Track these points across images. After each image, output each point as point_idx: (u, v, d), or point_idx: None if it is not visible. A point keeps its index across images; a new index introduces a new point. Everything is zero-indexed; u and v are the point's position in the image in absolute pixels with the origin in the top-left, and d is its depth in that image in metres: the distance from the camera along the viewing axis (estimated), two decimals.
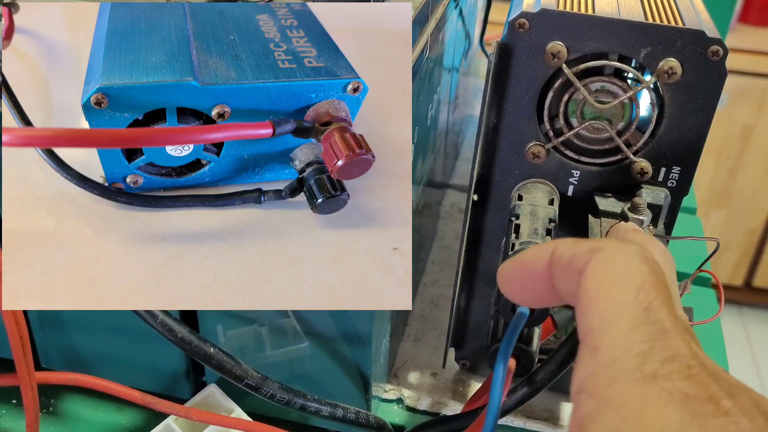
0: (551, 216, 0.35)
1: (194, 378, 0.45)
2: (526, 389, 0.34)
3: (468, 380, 0.48)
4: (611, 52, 0.34)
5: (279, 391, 0.36)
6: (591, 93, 0.35)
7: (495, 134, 0.37)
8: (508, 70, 0.35)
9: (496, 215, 0.40)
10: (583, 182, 0.38)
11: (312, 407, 0.37)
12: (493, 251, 0.41)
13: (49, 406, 0.46)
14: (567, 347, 0.33)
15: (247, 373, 0.35)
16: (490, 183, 0.39)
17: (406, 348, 0.50)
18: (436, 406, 0.46)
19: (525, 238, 0.33)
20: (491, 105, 0.36)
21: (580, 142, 0.37)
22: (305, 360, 0.42)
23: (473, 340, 0.46)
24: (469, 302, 0.44)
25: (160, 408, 0.39)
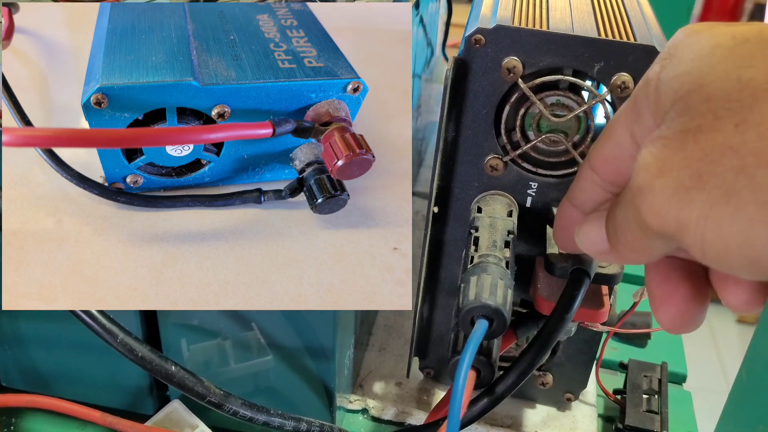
0: (510, 228, 0.36)
1: (158, 393, 0.44)
2: (486, 400, 0.35)
3: (432, 389, 0.48)
4: (566, 67, 0.35)
5: (242, 408, 0.36)
6: (547, 107, 0.35)
7: (454, 147, 0.38)
8: (465, 84, 0.36)
9: (456, 227, 0.40)
10: (541, 193, 0.38)
11: (275, 422, 0.37)
12: (455, 262, 0.42)
13: (9, 425, 0.45)
14: (527, 359, 0.34)
15: (209, 390, 0.35)
16: (450, 195, 0.39)
17: (371, 358, 0.50)
18: (401, 416, 0.46)
19: (484, 251, 0.34)
20: (449, 119, 0.37)
21: (537, 155, 0.37)
22: (270, 373, 0.42)
23: (437, 350, 0.46)
24: (432, 312, 0.44)
25: (122, 428, 0.39)
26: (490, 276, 0.32)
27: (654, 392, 0.45)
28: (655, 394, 0.45)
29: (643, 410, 0.44)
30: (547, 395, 0.46)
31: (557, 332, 0.33)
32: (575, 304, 0.33)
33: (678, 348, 0.55)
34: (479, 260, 0.33)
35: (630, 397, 0.45)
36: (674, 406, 0.47)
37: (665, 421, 0.43)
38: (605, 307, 0.36)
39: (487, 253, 0.34)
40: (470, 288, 0.31)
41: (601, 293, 0.36)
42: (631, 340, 0.55)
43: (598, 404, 0.48)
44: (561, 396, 0.46)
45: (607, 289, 0.37)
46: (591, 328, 0.40)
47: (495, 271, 0.32)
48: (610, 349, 0.54)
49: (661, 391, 0.45)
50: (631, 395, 0.45)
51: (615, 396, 0.47)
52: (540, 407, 0.47)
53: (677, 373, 0.52)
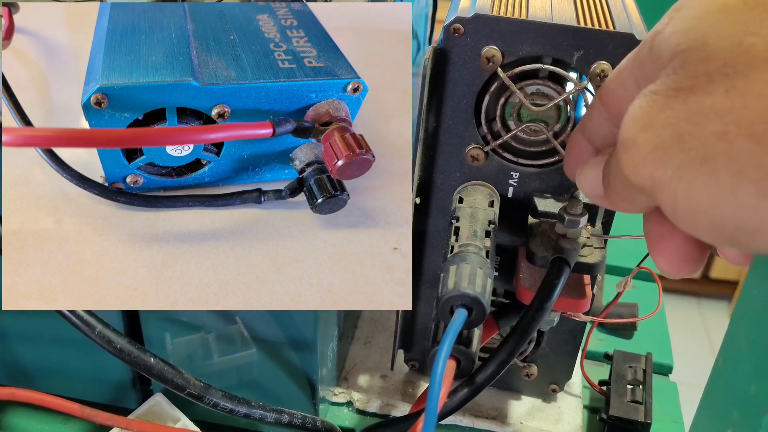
0: (491, 218, 0.36)
1: (141, 387, 0.44)
2: (466, 390, 0.35)
3: (417, 381, 0.48)
4: (545, 56, 0.35)
5: (222, 400, 0.36)
6: (527, 96, 0.35)
7: (434, 138, 0.38)
8: (444, 74, 0.36)
9: (438, 218, 0.40)
10: (522, 183, 0.38)
11: (256, 414, 0.37)
12: (437, 253, 0.42)
13: None
14: (507, 348, 0.34)
15: (188, 382, 0.35)
16: (432, 186, 0.39)
17: (357, 351, 0.50)
18: (385, 408, 0.46)
19: (464, 240, 0.34)
20: (429, 109, 0.37)
21: (518, 145, 0.37)
22: (253, 366, 0.42)
23: (421, 342, 0.46)
24: (416, 304, 0.44)
25: (100, 420, 0.38)
26: (469, 265, 0.31)
27: (638, 383, 0.45)
28: (639, 384, 0.45)
29: (628, 400, 0.44)
30: (532, 387, 0.46)
31: (537, 321, 0.33)
32: (555, 293, 0.33)
33: (664, 339, 0.55)
34: (459, 250, 0.33)
35: (614, 387, 0.45)
36: (660, 396, 0.47)
37: (649, 411, 0.43)
38: (587, 296, 0.36)
39: (467, 242, 0.33)
40: (449, 277, 0.31)
41: (583, 283, 0.36)
42: (617, 332, 0.55)
43: (584, 395, 0.48)
44: (546, 387, 0.46)
45: (589, 278, 0.37)
46: (574, 318, 0.40)
47: (474, 260, 0.32)
48: (596, 340, 0.54)
49: (645, 382, 0.45)
50: (616, 386, 0.45)
51: (600, 387, 0.47)
52: (525, 399, 0.47)
53: (663, 364, 0.53)
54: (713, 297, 1.79)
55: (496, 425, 0.45)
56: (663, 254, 0.25)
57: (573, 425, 0.45)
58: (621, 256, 0.59)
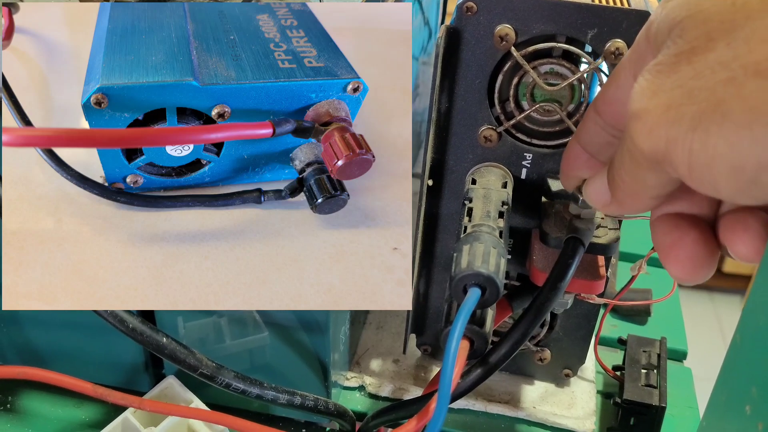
0: (504, 199, 0.35)
1: (153, 371, 0.45)
2: (480, 370, 0.34)
3: (429, 366, 0.48)
4: (559, 34, 0.34)
5: (234, 380, 0.36)
6: (540, 75, 0.35)
7: (447, 119, 0.37)
8: (457, 54, 0.36)
9: (451, 200, 0.40)
10: (535, 165, 0.38)
11: (269, 395, 0.37)
12: (450, 236, 0.41)
13: (6, 403, 0.45)
14: (521, 328, 0.33)
15: (201, 363, 0.35)
16: (444, 168, 0.39)
17: (369, 335, 0.50)
18: (397, 392, 0.46)
19: (477, 221, 0.34)
20: (442, 90, 0.37)
21: (531, 125, 0.37)
22: (265, 350, 0.42)
23: (433, 326, 0.46)
24: (428, 288, 0.44)
25: (113, 400, 0.38)
26: (482, 245, 0.31)
27: (653, 367, 0.45)
28: (653, 368, 0.45)
29: (642, 384, 0.44)
30: (545, 371, 0.46)
31: (551, 301, 0.33)
32: (569, 272, 0.33)
33: (678, 325, 0.55)
34: (472, 230, 0.33)
35: (628, 371, 0.45)
36: (674, 382, 0.47)
37: (664, 395, 0.43)
38: (601, 278, 0.36)
39: (480, 223, 0.33)
40: (462, 256, 0.31)
41: (597, 264, 0.36)
42: (630, 318, 0.55)
43: (597, 381, 0.48)
44: (559, 372, 0.46)
45: (603, 260, 0.36)
46: (587, 300, 0.40)
47: (488, 240, 0.32)
48: (610, 326, 0.54)
49: (659, 366, 0.45)
50: (630, 370, 0.45)
51: (614, 372, 0.46)
52: (538, 383, 0.47)
53: (677, 350, 0.52)
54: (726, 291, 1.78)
55: (509, 409, 0.45)
56: (675, 262, 0.25)
57: (586, 410, 0.45)
58: (633, 242, 0.59)
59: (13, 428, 0.44)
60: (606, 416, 0.46)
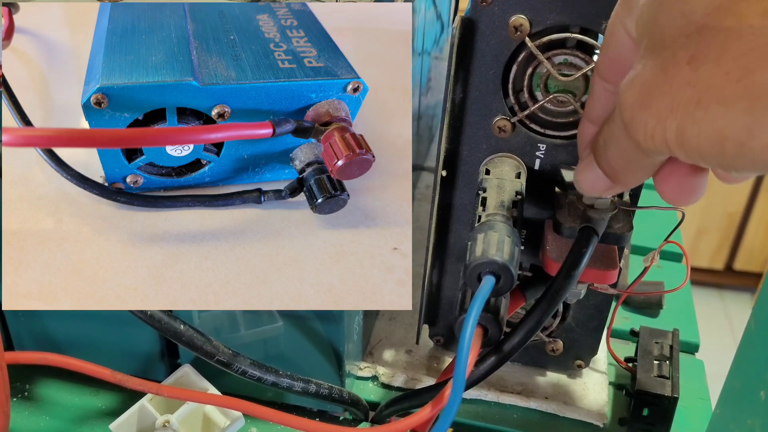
0: (518, 189, 0.36)
1: (169, 360, 0.45)
2: (493, 358, 0.34)
3: (442, 356, 0.48)
4: (573, 25, 0.34)
5: (250, 368, 0.36)
6: (554, 66, 0.35)
7: (461, 109, 0.38)
8: (472, 44, 0.36)
9: (464, 190, 0.40)
10: (549, 155, 0.38)
11: (284, 383, 0.37)
12: (463, 227, 0.42)
13: (23, 390, 0.46)
14: (535, 317, 0.34)
15: (218, 350, 0.35)
16: (458, 158, 0.39)
17: (382, 326, 0.50)
18: (410, 383, 0.46)
19: (491, 210, 0.34)
20: (456, 80, 0.37)
21: (545, 116, 0.37)
22: (280, 339, 0.42)
23: (446, 317, 0.46)
24: (441, 279, 0.44)
25: (132, 385, 0.38)
26: (497, 233, 0.32)
27: (665, 358, 0.45)
28: (666, 359, 0.45)
29: (654, 375, 0.43)
30: (558, 362, 0.46)
31: (565, 289, 0.33)
32: (583, 261, 0.33)
33: (691, 317, 0.55)
34: (487, 219, 0.33)
35: (641, 362, 0.44)
36: (686, 374, 0.47)
37: (676, 386, 0.43)
38: (615, 267, 0.36)
39: (494, 212, 0.34)
40: (477, 245, 0.31)
41: (611, 254, 0.36)
42: (642, 310, 0.55)
43: (609, 372, 0.48)
44: (571, 363, 0.46)
45: (616, 250, 0.36)
46: (600, 290, 0.40)
47: (502, 228, 0.32)
48: (622, 318, 0.54)
49: (672, 357, 0.45)
50: (642, 361, 0.44)
51: (626, 364, 0.46)
52: (550, 374, 0.47)
53: (690, 342, 0.52)
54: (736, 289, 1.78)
55: (521, 400, 0.45)
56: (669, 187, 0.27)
57: (599, 401, 0.45)
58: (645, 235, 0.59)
59: (31, 415, 0.44)
60: (618, 407, 0.46)
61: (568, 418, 0.45)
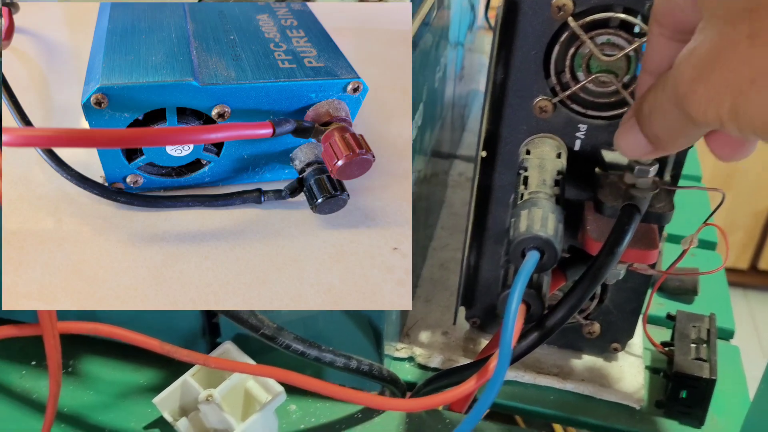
0: (560, 168, 0.36)
1: (210, 338, 0.45)
2: (536, 334, 0.34)
3: (478, 338, 0.48)
4: (616, 4, 0.34)
5: (294, 342, 0.37)
6: (597, 46, 0.35)
7: (503, 90, 0.38)
8: (515, 24, 0.36)
9: (504, 171, 0.40)
10: (590, 137, 0.38)
11: (326, 358, 0.38)
12: (502, 208, 0.42)
13: (67, 366, 0.46)
14: (578, 293, 0.34)
15: (262, 323, 0.36)
16: (498, 139, 0.39)
17: (417, 308, 0.51)
18: (447, 363, 0.46)
19: (534, 188, 0.34)
20: (498, 60, 0.37)
21: (586, 96, 0.37)
22: (318, 318, 0.42)
23: (483, 299, 0.46)
24: (479, 260, 0.44)
25: (179, 356, 0.39)
26: (540, 209, 0.32)
27: (702, 341, 0.45)
28: (703, 343, 0.45)
29: (692, 358, 0.43)
30: (594, 345, 0.46)
31: (608, 266, 0.33)
32: (626, 237, 0.33)
33: (725, 304, 0.55)
34: (529, 196, 0.33)
35: (678, 345, 0.44)
36: (722, 359, 0.47)
37: (714, 369, 0.43)
38: (656, 247, 0.36)
39: (537, 190, 0.34)
40: (521, 220, 0.32)
41: (652, 234, 0.36)
42: (677, 297, 0.55)
43: (645, 357, 0.48)
44: (607, 346, 0.46)
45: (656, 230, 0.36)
46: (640, 271, 0.40)
47: (546, 205, 0.32)
48: (656, 305, 0.54)
49: (710, 341, 0.45)
50: (680, 344, 0.45)
51: (662, 347, 0.46)
52: (586, 357, 0.47)
53: (725, 328, 0.52)
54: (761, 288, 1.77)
55: (558, 382, 0.46)
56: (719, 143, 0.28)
57: (635, 384, 0.45)
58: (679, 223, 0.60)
59: (75, 390, 0.45)
60: (654, 391, 0.46)
61: (605, 401, 0.45)
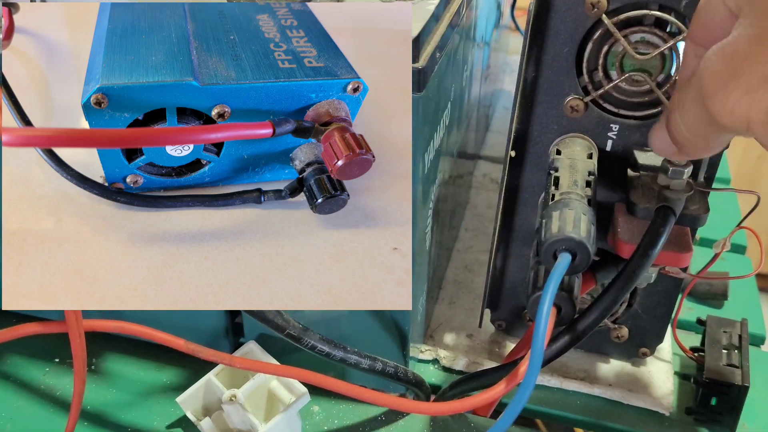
0: (590, 168, 0.35)
1: (233, 338, 0.45)
2: (567, 337, 0.34)
3: (503, 341, 0.48)
4: (651, 2, 0.34)
5: (319, 343, 0.36)
6: (631, 44, 0.34)
7: (533, 88, 0.37)
8: (546, 21, 0.35)
9: (533, 172, 0.40)
10: (622, 137, 0.37)
11: (352, 359, 0.37)
12: (530, 209, 0.41)
13: (90, 365, 0.46)
14: (610, 296, 0.33)
15: (288, 323, 0.36)
16: (528, 138, 0.39)
17: (441, 311, 0.50)
18: (472, 366, 0.46)
19: (565, 189, 0.33)
20: (530, 58, 0.36)
21: (619, 95, 0.36)
22: (342, 319, 0.42)
23: (509, 302, 0.46)
24: (505, 262, 0.44)
25: (204, 356, 0.38)
26: (573, 210, 0.31)
27: (734, 347, 0.44)
28: (735, 349, 0.44)
29: (723, 364, 0.43)
30: (622, 349, 0.46)
31: (642, 268, 0.33)
32: (661, 240, 0.32)
33: (756, 309, 0.54)
34: (561, 197, 0.33)
35: (709, 350, 0.44)
36: (753, 365, 0.46)
37: (746, 375, 0.42)
38: (689, 249, 0.35)
39: (568, 191, 0.33)
40: (553, 222, 0.31)
41: (685, 236, 0.36)
42: (707, 301, 0.55)
43: (674, 362, 0.47)
44: (636, 351, 0.45)
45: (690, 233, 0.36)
46: (672, 274, 0.39)
47: (578, 206, 0.32)
48: (686, 309, 0.53)
49: (741, 347, 0.44)
50: (710, 349, 0.44)
51: (692, 353, 0.46)
52: (614, 362, 0.46)
53: (755, 334, 0.52)
54: None
55: (585, 386, 0.45)
56: None
57: (664, 389, 0.45)
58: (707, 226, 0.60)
59: (98, 388, 0.45)
60: (684, 397, 0.45)
61: (633, 406, 0.44)
